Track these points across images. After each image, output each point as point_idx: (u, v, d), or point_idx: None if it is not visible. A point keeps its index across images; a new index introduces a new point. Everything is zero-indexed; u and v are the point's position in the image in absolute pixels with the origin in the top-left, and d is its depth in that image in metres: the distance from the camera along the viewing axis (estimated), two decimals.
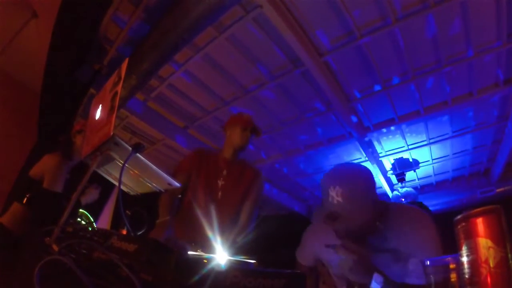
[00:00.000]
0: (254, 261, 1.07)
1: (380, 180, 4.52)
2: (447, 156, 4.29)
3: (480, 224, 0.58)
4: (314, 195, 5.68)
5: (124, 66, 1.33)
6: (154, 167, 1.32)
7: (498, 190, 4.49)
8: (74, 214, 2.24)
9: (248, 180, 2.23)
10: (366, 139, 3.92)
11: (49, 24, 2.52)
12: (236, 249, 2.07)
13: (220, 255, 1.18)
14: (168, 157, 4.43)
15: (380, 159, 4.34)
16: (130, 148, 1.17)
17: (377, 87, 3.27)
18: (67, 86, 2.89)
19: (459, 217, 0.63)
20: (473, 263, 0.58)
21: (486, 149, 4.21)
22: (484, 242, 0.56)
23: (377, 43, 2.75)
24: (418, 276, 1.13)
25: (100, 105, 1.39)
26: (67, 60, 2.77)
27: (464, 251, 0.60)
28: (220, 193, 2.11)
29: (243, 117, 2.22)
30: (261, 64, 3.04)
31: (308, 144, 4.24)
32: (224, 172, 2.17)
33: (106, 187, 2.39)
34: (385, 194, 4.79)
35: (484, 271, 0.55)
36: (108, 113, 1.25)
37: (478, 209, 0.58)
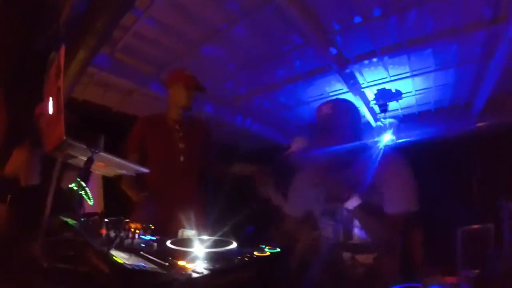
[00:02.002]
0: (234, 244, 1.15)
1: (363, 110, 4.54)
2: (429, 88, 4.27)
3: None
4: (297, 127, 5.74)
5: (62, 54, 1.25)
6: (117, 159, 1.34)
7: (479, 124, 4.57)
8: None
9: (201, 133, 2.30)
10: (347, 71, 3.85)
11: None
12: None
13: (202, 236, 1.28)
14: (149, 105, 4.36)
15: (362, 90, 4.31)
16: (85, 147, 1.17)
17: (357, 19, 3.10)
18: (25, 57, 2.66)
19: None
20: None
21: (469, 83, 4.18)
22: None
23: None
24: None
25: (50, 98, 1.33)
26: (18, 29, 2.52)
27: None
28: (182, 157, 2.12)
29: (184, 75, 2.19)
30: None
31: (287, 78, 4.17)
32: (181, 134, 2.18)
33: None
34: (369, 123, 4.86)
35: None
36: (56, 112, 1.20)
37: None
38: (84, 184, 2.87)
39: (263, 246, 1.36)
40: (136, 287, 0.75)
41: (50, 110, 1.33)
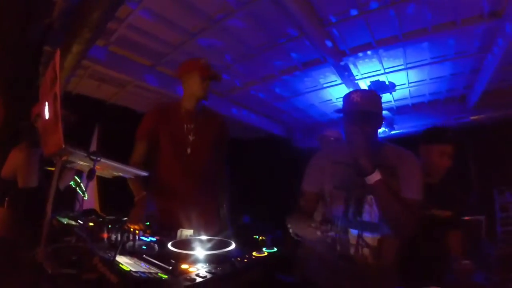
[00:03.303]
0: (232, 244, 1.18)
1: None
2: (424, 80, 4.32)
3: None
4: (292, 117, 5.78)
5: (57, 59, 1.25)
6: (116, 164, 1.34)
7: (472, 117, 4.64)
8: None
9: (215, 128, 2.21)
10: (342, 63, 3.88)
11: None
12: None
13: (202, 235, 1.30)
14: (142, 97, 4.41)
15: (356, 81, 4.34)
16: (85, 155, 1.18)
17: (354, 12, 3.10)
18: (19, 49, 2.61)
19: None
20: None
21: (463, 77, 4.23)
22: None
23: None
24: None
25: (46, 102, 1.31)
26: (13, 20, 2.47)
27: None
28: (189, 149, 2.10)
29: (200, 64, 2.07)
30: None
31: (282, 69, 4.19)
32: (192, 126, 2.11)
33: None
34: None
35: None
36: (54, 118, 1.20)
37: None
38: (79, 180, 2.87)
39: (257, 237, 1.40)
40: None
41: (47, 115, 1.33)
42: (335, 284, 1.52)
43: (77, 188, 2.85)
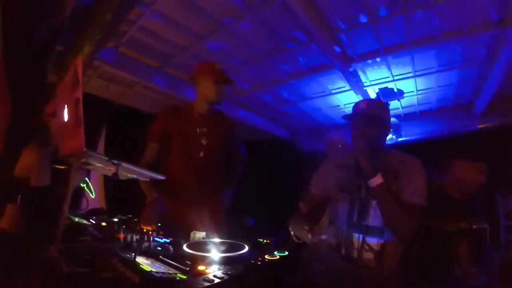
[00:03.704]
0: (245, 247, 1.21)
1: None
2: (431, 88, 4.32)
3: None
4: (298, 120, 5.80)
5: (80, 64, 1.26)
6: (134, 168, 1.37)
7: (479, 126, 4.65)
8: None
9: (226, 131, 2.25)
10: (351, 69, 3.89)
11: None
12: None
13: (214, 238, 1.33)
14: (148, 97, 4.46)
15: (364, 88, 4.35)
16: (107, 158, 1.20)
17: (363, 18, 3.12)
18: (29, 50, 2.63)
19: None
20: None
21: (471, 84, 4.23)
22: None
23: None
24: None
25: (66, 105, 1.33)
26: (20, 18, 2.49)
27: None
28: (202, 153, 2.11)
29: (214, 69, 2.10)
30: None
31: (290, 74, 4.21)
32: (205, 130, 2.13)
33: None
34: None
35: None
36: (75, 122, 1.22)
37: None
38: (87, 179, 2.89)
39: (261, 240, 1.43)
40: None
41: (66, 118, 1.35)
42: (338, 286, 1.54)
43: (85, 187, 2.87)
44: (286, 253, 1.35)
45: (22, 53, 2.70)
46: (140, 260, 1.04)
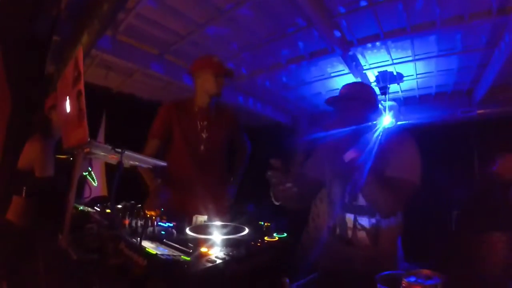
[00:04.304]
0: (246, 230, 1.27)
1: None
2: (431, 72, 4.34)
3: None
4: (298, 106, 5.82)
5: (80, 57, 1.29)
6: (137, 155, 1.42)
7: (478, 111, 4.68)
8: None
9: (228, 123, 2.27)
10: (350, 53, 3.90)
11: None
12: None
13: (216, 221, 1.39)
14: (148, 85, 4.48)
15: (364, 72, 4.37)
16: (110, 148, 1.24)
17: (363, 2, 3.12)
18: (28, 41, 2.64)
19: None
20: None
21: (471, 71, 4.26)
22: None
23: None
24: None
25: (68, 97, 1.37)
26: (20, 12, 2.50)
27: None
28: (202, 146, 2.14)
29: (213, 62, 2.12)
30: None
31: (290, 58, 4.22)
32: (205, 123, 2.16)
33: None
34: None
35: None
36: (78, 114, 1.26)
37: None
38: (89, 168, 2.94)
39: (262, 223, 1.50)
40: (170, 276, 0.86)
41: (68, 110, 1.39)
42: (335, 266, 1.60)
43: (87, 175, 2.93)
44: (285, 234, 1.41)
45: (21, 46, 2.71)
46: (146, 244, 1.10)
